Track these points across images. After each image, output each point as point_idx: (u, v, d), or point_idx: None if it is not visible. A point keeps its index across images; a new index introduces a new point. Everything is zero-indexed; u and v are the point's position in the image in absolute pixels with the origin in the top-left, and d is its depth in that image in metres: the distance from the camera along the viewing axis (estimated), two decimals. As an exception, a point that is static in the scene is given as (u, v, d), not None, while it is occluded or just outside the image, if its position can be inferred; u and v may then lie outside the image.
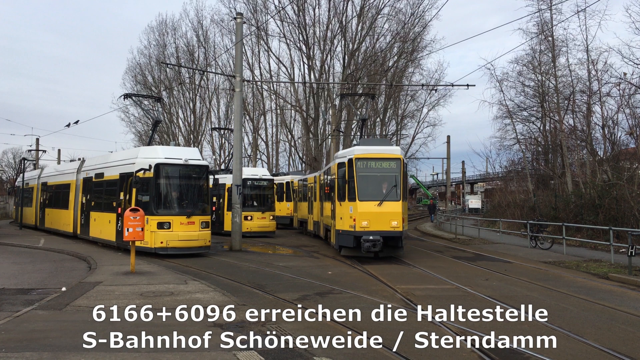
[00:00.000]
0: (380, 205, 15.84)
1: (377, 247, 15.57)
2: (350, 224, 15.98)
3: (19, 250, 19.95)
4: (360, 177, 16.17)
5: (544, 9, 30.50)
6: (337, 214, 16.79)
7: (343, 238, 16.48)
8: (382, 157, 16.50)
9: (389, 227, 15.77)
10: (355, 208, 15.88)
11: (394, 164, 16.43)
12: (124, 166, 18.64)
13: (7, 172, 72.55)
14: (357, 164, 16.24)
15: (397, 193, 16.13)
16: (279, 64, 44.79)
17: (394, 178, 16.30)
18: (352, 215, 15.91)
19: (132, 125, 56.98)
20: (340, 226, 16.54)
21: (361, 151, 16.57)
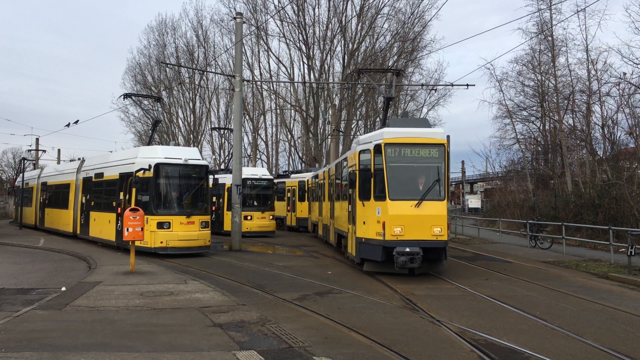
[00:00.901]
0: (418, 206, 12.31)
1: (416, 263, 12.07)
2: (378, 230, 12.51)
3: (18, 250, 19.95)
4: (391, 169, 12.70)
5: (543, 8, 30.54)
6: (359, 217, 13.37)
7: (367, 249, 13.02)
8: (420, 142, 12.90)
9: (430, 235, 12.22)
10: (385, 210, 12.43)
11: (435, 152, 12.85)
12: (123, 166, 18.64)
13: (7, 172, 72.56)
14: (388, 151, 12.72)
15: (441, 190, 12.64)
16: (278, 63, 44.80)
17: (436, 170, 12.77)
18: (380, 219, 12.48)
19: (132, 125, 57.05)
20: (362, 233, 13.14)
21: (393, 134, 12.98)
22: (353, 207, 13.99)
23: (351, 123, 42.01)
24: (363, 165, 13.31)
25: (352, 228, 14.13)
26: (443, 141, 13.04)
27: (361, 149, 13.55)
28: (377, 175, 12.81)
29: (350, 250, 14.73)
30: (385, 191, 12.51)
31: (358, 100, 42.38)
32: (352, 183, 13.71)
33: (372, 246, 12.79)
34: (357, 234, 13.45)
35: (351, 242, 14.44)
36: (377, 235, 12.55)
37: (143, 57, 54.21)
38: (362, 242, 13.21)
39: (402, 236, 12.21)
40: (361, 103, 43.32)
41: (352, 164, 14.21)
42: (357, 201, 13.42)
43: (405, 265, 12.11)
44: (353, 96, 40.76)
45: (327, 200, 20.56)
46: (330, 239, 19.71)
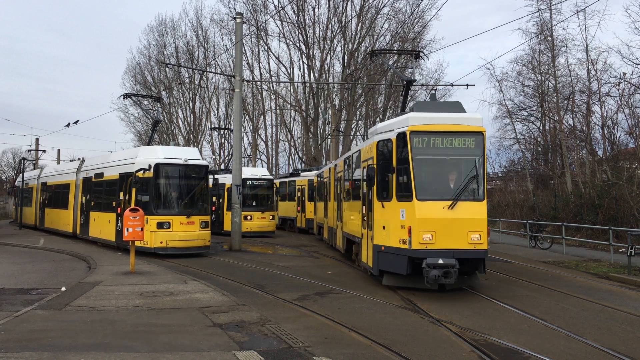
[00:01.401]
0: (452, 207, 10.25)
1: (452, 278, 9.97)
2: (402, 237, 10.46)
3: (18, 250, 19.95)
4: (419, 163, 10.65)
5: (543, 9, 30.54)
6: (377, 220, 11.34)
7: (388, 259, 10.97)
8: (454, 130, 10.71)
9: (466, 243, 10.16)
10: (412, 212, 10.32)
11: (472, 141, 10.72)
12: (123, 166, 18.64)
13: (6, 172, 72.52)
14: (415, 140, 10.59)
15: (479, 188, 10.62)
16: (278, 63, 44.79)
17: (473, 164, 10.67)
18: (404, 224, 10.43)
19: (132, 125, 57.06)
20: (381, 240, 11.12)
21: (421, 120, 10.84)
22: (369, 209, 11.97)
23: (351, 123, 42.00)
24: (382, 159, 11.24)
25: (368, 233, 12.00)
26: (481, 129, 10.80)
27: (380, 139, 11.38)
28: (401, 171, 10.69)
29: (364, 260, 12.57)
30: (412, 190, 10.37)
31: (358, 100, 42.38)
32: (370, 180, 11.20)
33: (395, 256, 10.68)
34: (375, 241, 11.34)
35: (366, 250, 12.27)
36: (401, 243, 10.45)
37: (143, 57, 54.26)
38: (381, 251, 11.10)
39: (432, 244, 10.12)
40: (361, 103, 43.32)
41: (368, 158, 12.11)
42: (374, 202, 11.41)
43: (438, 281, 9.97)
44: (353, 96, 40.77)
45: (332, 200, 18.86)
46: (337, 243, 17.58)
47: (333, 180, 18.80)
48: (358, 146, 14.39)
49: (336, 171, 18.11)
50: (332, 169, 19.14)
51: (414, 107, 11.94)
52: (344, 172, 16.31)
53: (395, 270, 10.85)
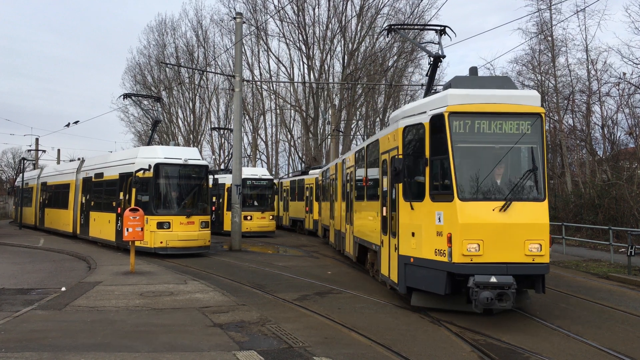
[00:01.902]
0: (505, 209, 8.14)
1: (508, 302, 7.83)
2: (438, 246, 8.42)
3: (18, 250, 19.95)
4: (461, 153, 8.51)
5: (543, 8, 30.54)
6: (403, 225, 9.26)
7: (419, 275, 8.91)
8: (505, 110, 8.57)
9: (524, 255, 8.06)
10: (452, 215, 8.21)
11: (528, 126, 8.54)
12: (123, 166, 18.65)
13: (6, 172, 72.52)
14: (455, 124, 8.47)
15: (539, 185, 8.51)
16: (278, 63, 44.79)
17: (530, 154, 8.65)
18: (442, 230, 8.36)
19: (132, 125, 57.06)
20: (410, 250, 9.04)
21: (462, 98, 8.63)
22: (392, 211, 9.89)
23: (351, 123, 42.01)
24: (411, 149, 9.18)
25: (390, 241, 9.97)
26: (540, 109, 8.67)
27: (408, 124, 9.25)
28: (437, 164, 8.63)
29: (385, 272, 10.46)
30: (452, 187, 8.24)
31: (358, 100, 42.38)
32: (396, 175, 8.89)
33: (428, 271, 8.60)
34: (401, 251, 9.29)
35: (387, 260, 10.20)
36: (438, 255, 8.41)
37: (143, 57, 54.27)
38: (409, 264, 9.04)
39: (479, 257, 8.02)
40: (361, 103, 43.32)
41: (391, 148, 9.99)
42: (399, 202, 9.32)
43: (491, 305, 7.77)
44: (353, 96, 40.77)
45: (340, 199, 16.91)
46: (347, 249, 15.41)
47: (341, 178, 16.93)
48: (375, 135, 12.36)
49: (345, 167, 16.09)
50: (340, 165, 17.16)
51: (452, 83, 9.35)
52: (355, 168, 14.27)
53: (429, 289, 8.74)
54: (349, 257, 15.42)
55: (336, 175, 17.99)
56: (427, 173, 8.71)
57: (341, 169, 16.95)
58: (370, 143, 12.51)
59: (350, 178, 15.00)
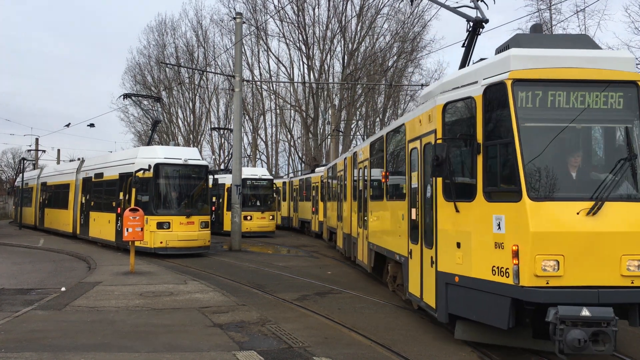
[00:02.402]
0: (594, 213, 5.97)
1: (608, 345, 5.68)
2: (498, 262, 6.26)
3: (18, 250, 19.95)
4: (531, 134, 6.30)
5: (543, 9, 30.50)
6: (444, 233, 7.15)
7: (468, 299, 6.73)
8: (587, 78, 6.36)
9: (619, 275, 5.93)
10: (520, 220, 6.04)
11: (619, 97, 6.38)
12: (123, 166, 18.66)
13: (6, 172, 72.52)
14: (521, 97, 6.29)
15: (638, 177, 6.32)
16: (278, 63, 44.78)
17: (624, 135, 6.50)
18: (503, 240, 6.20)
19: (132, 125, 57.04)
20: (453, 266, 6.91)
21: (529, 62, 6.40)
22: (426, 213, 7.75)
23: (351, 123, 42.01)
24: (455, 132, 6.99)
25: (424, 253, 7.75)
26: (636, 76, 6.40)
27: (451, 100, 7.07)
28: (495, 150, 6.40)
29: (415, 291, 8.20)
30: (519, 181, 5.98)
31: (358, 100, 42.38)
32: (437, 167, 6.55)
33: (483, 295, 6.39)
34: (441, 266, 7.08)
35: (420, 278, 7.95)
36: (498, 275, 6.17)
37: (143, 57, 54.24)
38: (453, 284, 6.85)
39: (559, 278, 5.87)
40: (361, 103, 43.31)
41: (423, 133, 7.85)
42: (438, 202, 7.14)
43: (584, 350, 5.59)
44: (353, 96, 40.76)
45: (350, 199, 15.00)
46: (360, 257, 13.35)
47: (351, 174, 15.01)
48: (399, 120, 10.10)
49: (357, 161, 14.04)
50: (350, 159, 15.15)
51: (510, 43, 6.89)
52: (371, 161, 12.26)
53: (484, 320, 6.50)
54: (361, 266, 13.23)
55: (345, 172, 15.94)
56: (480, 163, 6.45)
57: (351, 164, 14.98)
58: (391, 130, 10.30)
59: (365, 173, 12.95)
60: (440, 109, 7.22)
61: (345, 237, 15.77)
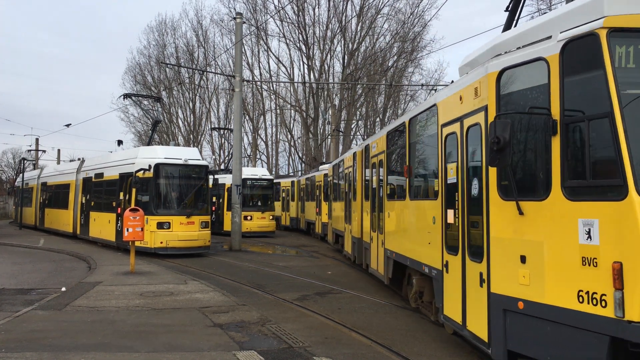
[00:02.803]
0: None
1: None
2: (587, 286, 4.45)
3: (18, 250, 19.96)
4: (636, 104, 4.39)
5: (543, 8, 30.53)
6: (500, 243, 5.45)
7: (540, 334, 4.92)
8: None
9: None
10: (626, 226, 4.18)
11: None
12: (123, 166, 18.67)
13: (6, 172, 72.55)
14: (619, 53, 4.46)
15: None
16: (278, 63, 44.83)
17: None
18: (596, 255, 4.40)
19: (132, 125, 57.07)
20: (515, 287, 5.17)
21: (628, 5, 4.53)
22: (468, 216, 6.21)
23: (351, 123, 42.03)
24: (517, 105, 5.40)
25: (468, 267, 6.13)
26: None
27: (510, 65, 5.43)
28: (580, 128, 4.74)
29: (455, 316, 6.54)
30: (623, 170, 4.28)
31: (358, 100, 42.40)
32: (497, 152, 4.86)
33: (563, 329, 4.72)
34: (495, 287, 5.48)
35: (461, 299, 6.31)
36: (589, 304, 4.48)
37: (143, 57, 54.27)
38: (515, 312, 5.21)
39: None
40: (361, 103, 43.34)
41: (467, 113, 6.22)
42: (490, 200, 5.57)
43: None
44: (353, 96, 40.78)
45: (361, 198, 13.43)
46: (373, 266, 11.79)
47: (361, 170, 13.48)
48: (427, 101, 8.39)
49: (368, 155, 12.55)
50: (360, 154, 13.50)
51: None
52: (387, 153, 10.61)
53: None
54: (376, 276, 11.70)
55: (354, 168, 14.17)
56: (557, 147, 4.79)
57: (362, 159, 13.30)
58: (417, 114, 8.55)
59: (380, 168, 11.27)
60: (493, 78, 5.55)
61: (355, 242, 14.15)
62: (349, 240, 15.39)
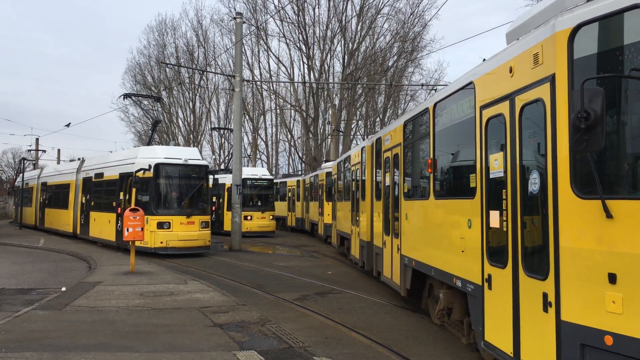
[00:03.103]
0: None
1: None
2: None
3: (18, 250, 19.95)
4: None
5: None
6: (578, 256, 4.07)
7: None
8: None
9: None
10: None
11: None
12: (123, 166, 18.67)
13: (6, 172, 72.56)
14: None
15: None
16: (278, 63, 44.83)
17: None
18: None
19: (132, 125, 57.08)
20: (601, 316, 3.80)
21: None
22: (521, 219, 4.99)
23: (351, 123, 42.04)
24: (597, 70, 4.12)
25: (527, 285, 4.78)
26: None
27: (590, 19, 4.05)
28: None
29: (503, 345, 5.24)
30: None
31: (358, 100, 42.40)
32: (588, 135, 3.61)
33: None
34: (568, 314, 4.12)
35: (516, 325, 4.95)
36: None
37: (143, 57, 54.27)
38: (603, 350, 3.79)
39: None
40: (361, 103, 43.34)
41: (521, 88, 4.96)
42: (561, 199, 4.25)
43: None
44: (353, 96, 40.79)
45: (370, 198, 12.16)
46: (389, 275, 10.30)
47: (371, 167, 12.35)
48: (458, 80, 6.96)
49: (379, 149, 11.38)
50: (370, 149, 12.41)
51: None
52: (405, 146, 9.28)
53: None
54: (390, 285, 10.33)
55: (363, 164, 13.02)
56: None
57: (371, 154, 12.24)
58: (445, 97, 7.28)
59: (395, 164, 10.06)
60: (564, 38, 4.23)
61: (364, 246, 12.77)
62: (356, 244, 14.09)
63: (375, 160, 11.80)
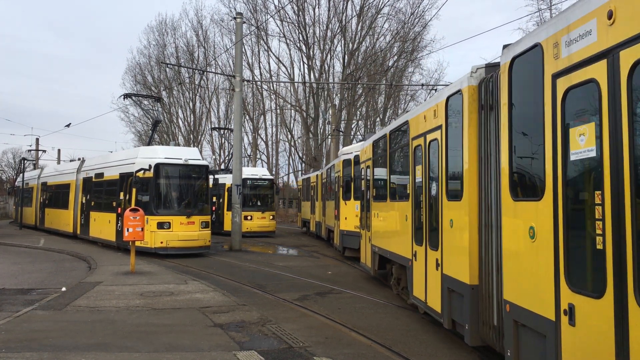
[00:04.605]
0: None
1: None
2: None
3: (19, 250, 19.95)
4: None
5: (543, 8, 30.49)
6: None
7: None
8: None
9: None
10: None
11: None
12: (123, 166, 18.67)
13: (7, 172, 72.59)
14: None
15: None
16: (278, 63, 44.91)
17: None
18: None
19: (132, 125, 57.15)
20: None
21: None
22: None
23: (351, 123, 42.04)
24: None
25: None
26: None
27: None
28: None
29: None
30: None
31: (358, 100, 42.40)
32: None
33: None
34: None
35: None
36: None
37: (143, 57, 54.35)
38: None
39: None
40: (361, 103, 43.34)
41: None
42: None
43: None
44: (353, 96, 40.79)
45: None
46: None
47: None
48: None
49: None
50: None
51: None
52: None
53: None
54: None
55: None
56: None
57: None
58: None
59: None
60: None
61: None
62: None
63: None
